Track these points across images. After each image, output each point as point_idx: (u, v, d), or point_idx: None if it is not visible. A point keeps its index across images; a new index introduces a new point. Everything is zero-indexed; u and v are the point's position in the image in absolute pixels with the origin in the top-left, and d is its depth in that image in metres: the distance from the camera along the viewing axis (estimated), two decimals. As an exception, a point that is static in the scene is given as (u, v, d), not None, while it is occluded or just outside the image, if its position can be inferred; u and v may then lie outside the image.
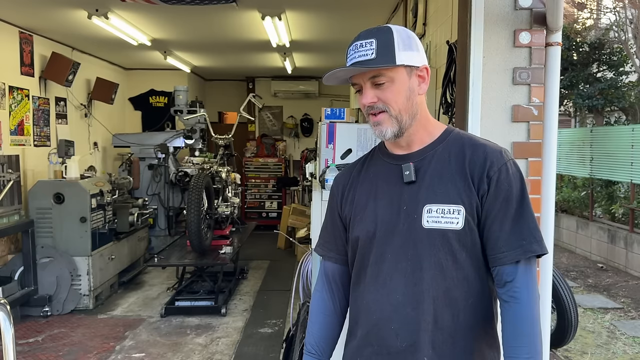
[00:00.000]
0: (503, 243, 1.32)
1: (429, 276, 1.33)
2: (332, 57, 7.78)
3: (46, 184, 5.30)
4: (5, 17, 5.52)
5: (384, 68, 1.33)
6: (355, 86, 1.40)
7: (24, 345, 4.42)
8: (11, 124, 5.67)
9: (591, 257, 7.69)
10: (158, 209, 7.44)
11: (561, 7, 2.20)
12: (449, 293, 1.33)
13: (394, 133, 1.37)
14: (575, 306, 4.03)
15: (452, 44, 2.77)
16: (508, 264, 1.32)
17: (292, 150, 10.61)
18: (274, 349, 4.39)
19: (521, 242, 1.31)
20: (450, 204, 1.32)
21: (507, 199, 1.33)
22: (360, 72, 1.36)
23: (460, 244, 1.33)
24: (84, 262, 5.26)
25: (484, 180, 1.33)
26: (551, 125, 2.35)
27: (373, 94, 1.36)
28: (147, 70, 9.15)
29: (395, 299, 1.35)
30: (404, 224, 1.35)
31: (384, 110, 1.36)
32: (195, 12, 5.21)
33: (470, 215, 1.32)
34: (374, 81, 1.35)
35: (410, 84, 1.36)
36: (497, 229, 1.33)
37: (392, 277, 1.36)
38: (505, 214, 1.33)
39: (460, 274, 1.34)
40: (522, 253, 1.31)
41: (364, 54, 1.33)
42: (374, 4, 4.96)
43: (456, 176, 1.35)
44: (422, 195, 1.35)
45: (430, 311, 1.33)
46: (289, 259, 7.39)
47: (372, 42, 1.33)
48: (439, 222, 1.32)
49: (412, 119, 1.38)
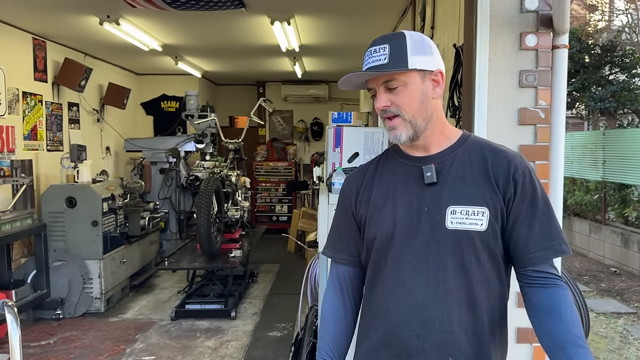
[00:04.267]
0: (533, 244, 1.34)
1: (453, 277, 1.34)
2: (342, 61, 7.79)
3: (58, 188, 5.36)
4: (19, 24, 5.60)
5: (396, 72, 1.35)
6: (371, 91, 1.43)
7: (36, 348, 4.47)
8: (25, 129, 5.75)
9: (604, 261, 7.60)
10: (169, 213, 7.49)
11: (567, 10, 2.20)
12: (472, 294, 1.35)
13: (409, 137, 1.39)
14: (587, 311, 3.98)
15: (458, 47, 2.77)
16: (539, 264, 1.35)
17: (302, 154, 10.63)
18: (283, 352, 4.40)
19: (551, 243, 1.34)
20: (475, 206, 1.34)
21: (534, 201, 1.35)
22: (373, 76, 1.39)
23: (483, 246, 1.35)
24: (95, 266, 5.31)
25: (510, 183, 1.35)
26: (558, 128, 2.34)
27: (386, 98, 1.38)
28: (158, 76, 9.23)
29: (415, 299, 1.35)
30: (425, 225, 1.36)
31: (397, 115, 1.38)
32: (204, 17, 5.26)
33: (494, 217, 1.34)
34: (387, 85, 1.37)
35: (424, 88, 1.38)
36: (526, 230, 1.35)
37: (412, 277, 1.36)
38: (533, 216, 1.35)
39: (482, 276, 1.36)
40: (553, 253, 1.35)
41: (378, 59, 1.36)
42: (383, 8, 4.97)
43: (480, 179, 1.37)
44: (445, 196, 1.36)
45: (454, 312, 1.34)
46: (299, 262, 7.39)
47: (385, 47, 1.36)
48: (463, 224, 1.34)
49: (427, 122, 1.39)
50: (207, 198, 5.16)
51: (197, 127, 7.11)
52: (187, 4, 4.42)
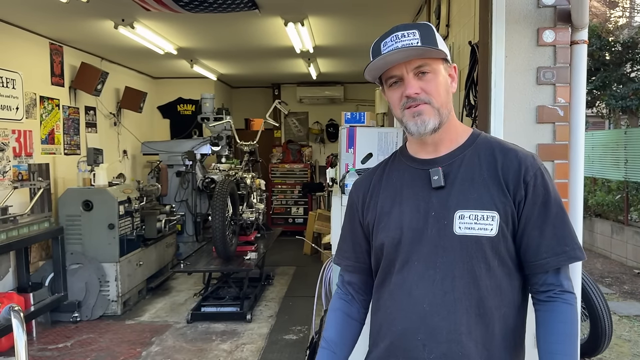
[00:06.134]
0: (545, 249, 1.29)
1: (461, 285, 1.28)
2: (357, 62, 7.75)
3: (75, 191, 5.40)
4: (36, 30, 5.67)
5: (429, 58, 1.30)
6: (392, 78, 1.34)
7: (54, 351, 4.50)
8: (42, 133, 5.81)
9: (627, 262, 7.43)
10: (185, 216, 7.52)
11: (586, 4, 2.13)
12: (482, 302, 1.28)
13: (434, 125, 1.32)
14: (609, 313, 3.88)
15: (474, 44, 2.71)
16: (551, 270, 1.29)
17: (317, 156, 10.61)
18: (298, 356, 4.36)
19: (564, 248, 1.28)
20: (484, 210, 1.28)
21: (546, 204, 1.29)
22: (403, 60, 1.30)
23: (493, 252, 1.29)
24: (112, 269, 5.34)
25: (521, 186, 1.29)
26: (578, 126, 2.27)
27: (417, 85, 1.31)
28: (174, 79, 9.28)
29: (422, 308, 1.30)
30: (432, 230, 1.31)
31: (427, 102, 1.31)
32: (218, 20, 5.26)
33: (504, 221, 1.28)
34: (420, 70, 1.31)
35: (446, 79, 1.35)
36: (537, 234, 1.29)
37: (418, 285, 1.31)
38: (544, 220, 1.29)
39: (493, 283, 1.29)
40: (566, 259, 1.29)
41: (409, 42, 1.29)
42: (397, 7, 4.92)
43: (489, 181, 1.31)
44: (453, 201, 1.30)
45: (463, 321, 1.28)
46: (315, 265, 7.34)
47: (415, 32, 1.30)
48: (472, 229, 1.28)
49: (449, 114, 1.35)
50: (221, 200, 5.15)
51: (213, 129, 7.13)
52: (200, 6, 4.42)
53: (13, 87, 5.25)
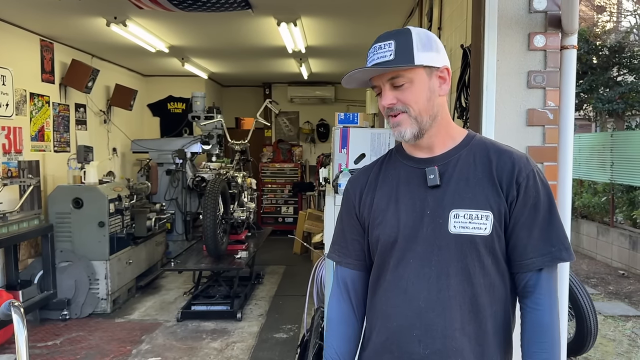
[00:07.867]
0: (531, 249, 1.32)
1: (455, 282, 1.31)
2: (348, 63, 7.78)
3: (65, 189, 5.38)
4: (26, 26, 5.63)
5: (402, 69, 1.32)
6: (376, 89, 1.39)
7: (43, 348, 4.48)
8: (32, 130, 5.77)
9: (612, 263, 7.55)
10: (175, 214, 7.51)
11: (576, 10, 2.18)
12: (475, 300, 1.32)
13: (413, 134, 1.35)
14: (595, 313, 3.96)
15: (466, 47, 2.75)
16: (534, 270, 1.32)
17: (308, 156, 10.63)
18: (288, 354, 4.39)
19: (550, 249, 1.31)
20: (479, 210, 1.31)
21: (536, 206, 1.32)
22: (378, 73, 1.35)
23: (487, 250, 1.32)
24: (102, 267, 5.32)
25: (514, 186, 1.32)
26: (567, 129, 2.32)
27: (392, 96, 1.34)
28: (165, 77, 9.26)
29: (417, 305, 1.33)
30: (428, 229, 1.33)
31: (404, 111, 1.34)
32: (211, 18, 5.27)
33: (497, 221, 1.31)
34: (393, 82, 1.34)
35: (430, 85, 1.35)
36: (525, 235, 1.32)
37: (414, 282, 1.34)
38: (533, 220, 1.32)
39: (486, 281, 1.33)
40: (550, 260, 1.32)
41: (383, 56, 1.32)
42: (390, 9, 4.96)
43: (484, 181, 1.33)
44: (448, 199, 1.33)
45: (457, 318, 1.31)
46: (304, 264, 7.38)
47: (391, 43, 1.32)
48: (466, 228, 1.31)
49: (433, 120, 1.36)
50: (213, 199, 5.16)
51: (204, 128, 7.12)
52: (193, 5, 4.42)
53: (3, 84, 5.22)
